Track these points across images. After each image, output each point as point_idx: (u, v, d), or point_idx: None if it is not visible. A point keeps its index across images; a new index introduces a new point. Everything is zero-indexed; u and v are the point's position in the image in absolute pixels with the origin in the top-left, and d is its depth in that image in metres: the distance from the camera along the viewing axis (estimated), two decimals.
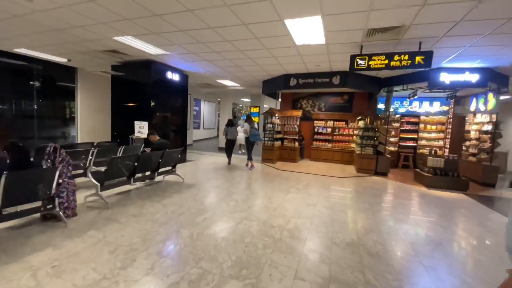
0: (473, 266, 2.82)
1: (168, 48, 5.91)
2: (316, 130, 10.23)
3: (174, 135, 8.32)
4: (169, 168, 5.77)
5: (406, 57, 4.71)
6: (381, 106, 10.06)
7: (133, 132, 7.18)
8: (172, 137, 8.18)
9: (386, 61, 4.82)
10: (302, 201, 4.74)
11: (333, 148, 9.91)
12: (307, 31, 4.38)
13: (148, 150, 5.52)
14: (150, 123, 7.11)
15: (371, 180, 7.11)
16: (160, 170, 5.39)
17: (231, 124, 8.93)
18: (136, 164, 4.53)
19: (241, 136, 10.63)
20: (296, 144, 9.45)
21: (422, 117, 9.62)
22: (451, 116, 9.13)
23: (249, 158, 8.06)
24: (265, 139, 9.23)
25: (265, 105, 18.08)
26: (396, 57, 4.76)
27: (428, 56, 4.61)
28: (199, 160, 9.04)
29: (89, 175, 4.04)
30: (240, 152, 11.57)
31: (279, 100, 11.16)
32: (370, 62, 4.90)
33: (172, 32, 4.83)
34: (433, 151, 7.98)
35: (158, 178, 5.80)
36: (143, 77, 7.21)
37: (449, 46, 4.89)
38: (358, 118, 9.18)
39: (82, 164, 5.08)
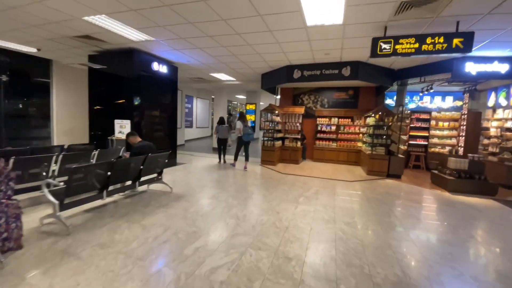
0: None
1: (152, 32, 4.95)
2: (319, 128, 9.40)
3: (162, 135, 7.35)
4: (155, 175, 4.82)
5: (441, 39, 3.88)
6: (389, 101, 9.30)
7: (113, 132, 6.19)
8: (159, 137, 7.21)
9: (417, 45, 3.98)
10: (317, 216, 3.88)
11: (338, 147, 9.10)
12: (324, 5, 3.50)
13: (127, 154, 4.57)
14: (133, 121, 6.13)
15: (385, 184, 6.32)
16: (143, 179, 4.45)
17: (222, 122, 8.31)
18: (109, 173, 3.58)
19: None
20: (299, 144, 8.61)
21: (434, 113, 8.88)
22: (466, 112, 8.43)
23: (236, 159, 7.63)
24: (265, 138, 8.35)
25: (261, 103, 17.18)
26: (428, 40, 3.93)
27: (468, 38, 3.80)
28: (191, 163, 8.10)
29: (45, 190, 3.08)
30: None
31: (278, 96, 10.29)
32: (397, 46, 4.06)
33: (155, 8, 3.88)
34: (453, 151, 7.24)
35: (142, 188, 4.86)
36: (125, 69, 6.22)
37: (489, 28, 4.09)
38: (367, 114, 8.38)
39: (44, 174, 4.09)
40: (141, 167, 4.20)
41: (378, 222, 3.78)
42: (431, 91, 7.23)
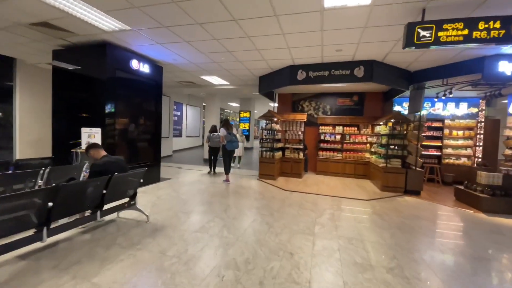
0: None
1: (126, 18, 3.93)
2: (322, 137, 8.48)
3: (144, 146, 6.22)
4: (126, 199, 3.69)
5: (498, 24, 3.03)
6: (398, 108, 8.50)
7: (80, 144, 5.03)
8: (140, 149, 6.08)
9: (466, 31, 3.11)
10: (345, 257, 2.84)
11: (344, 159, 8.17)
12: None
13: (86, 175, 3.46)
14: (104, 130, 5.01)
15: (406, 204, 5.37)
16: (107, 206, 3.31)
17: (215, 130, 7.72)
18: (51, 204, 2.46)
19: (239, 146, 8.64)
20: (301, 155, 7.63)
21: (447, 121, 8.13)
22: (482, 120, 7.71)
23: (227, 172, 6.67)
24: (263, 149, 7.34)
25: (255, 111, 16.25)
26: (481, 25, 3.06)
27: None
28: (178, 177, 6.96)
29: None
30: (238, 166, 9.37)
31: (275, 104, 9.37)
32: (440, 34, 3.17)
33: None
34: (481, 163, 6.37)
35: (110, 216, 3.72)
36: (96, 66, 5.14)
37: None
38: (376, 122, 7.53)
39: None
40: (104, 191, 3.08)
41: (431, 265, 2.77)
42: (450, 96, 6.45)
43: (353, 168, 8.10)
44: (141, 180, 3.70)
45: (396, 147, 6.50)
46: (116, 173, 3.14)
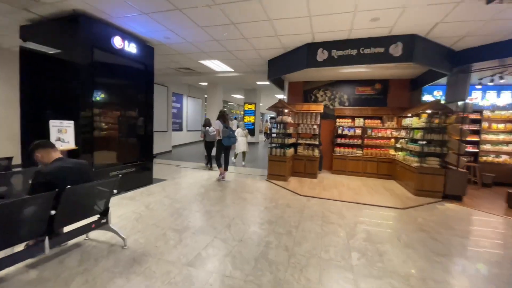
0: None
1: None
2: (339, 131, 7.41)
3: (131, 142, 5.24)
4: (95, 218, 2.72)
5: None
6: (427, 98, 7.36)
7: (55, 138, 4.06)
8: (125, 145, 5.09)
9: None
10: None
11: (365, 156, 7.11)
12: None
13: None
14: (78, 123, 4.02)
15: (451, 213, 4.35)
16: (63, 230, 2.35)
17: (209, 124, 7.40)
18: None
19: (241, 140, 7.97)
20: (316, 152, 6.58)
21: (486, 113, 6.99)
22: None
23: (219, 166, 6.01)
24: (272, 145, 6.33)
25: (260, 103, 15.12)
26: None
27: None
28: (174, 178, 5.99)
29: None
30: (243, 164, 8.35)
31: (283, 96, 8.28)
32: None
33: None
34: None
35: (77, 239, 2.76)
36: (68, 45, 4.11)
37: None
38: (405, 113, 6.43)
39: None
40: (53, 212, 2.11)
41: None
42: (502, 81, 5.31)
43: (376, 167, 7.05)
44: (114, 191, 2.71)
45: (432, 143, 5.43)
46: (69, 186, 2.15)
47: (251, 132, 14.34)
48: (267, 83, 10.91)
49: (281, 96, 15.43)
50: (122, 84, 4.89)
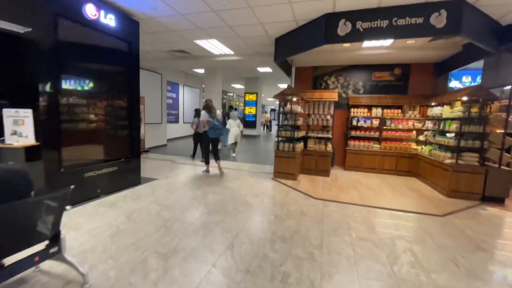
0: None
1: None
2: (353, 122, 6.56)
3: (114, 135, 4.38)
4: (42, 246, 1.91)
5: None
6: (455, 84, 6.50)
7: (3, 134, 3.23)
8: (104, 140, 4.23)
9: None
10: None
11: (383, 151, 6.29)
12: None
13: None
14: (38, 111, 3.17)
15: (501, 221, 3.58)
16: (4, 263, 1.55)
17: (199, 114, 6.37)
18: None
19: (234, 131, 7.80)
20: (329, 146, 5.76)
21: None
22: None
23: (207, 162, 5.63)
24: (279, 139, 5.50)
25: (262, 94, 14.17)
26: None
27: None
28: (168, 177, 5.18)
29: None
30: (233, 155, 7.99)
31: (290, 83, 7.39)
32: None
33: None
34: None
35: (23, 273, 1.96)
36: (24, 12, 3.20)
37: None
38: (437, 101, 5.58)
39: None
40: None
41: None
42: None
43: (395, 163, 6.24)
44: (67, 208, 1.89)
45: (469, 136, 4.61)
46: None
47: (253, 124, 13.48)
48: (270, 70, 10.00)
49: (284, 85, 14.50)
50: (99, 66, 3.99)
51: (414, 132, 6.30)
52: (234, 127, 7.77)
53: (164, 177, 5.26)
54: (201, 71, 10.74)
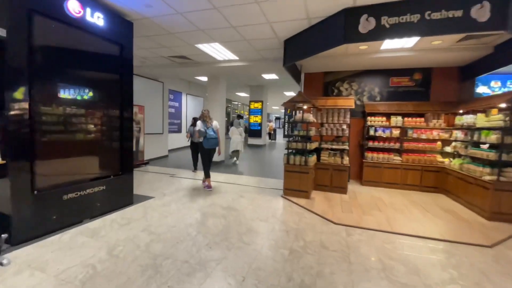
0: None
1: None
2: (370, 132, 5.94)
3: (102, 148, 3.84)
4: None
5: None
6: (482, 89, 5.88)
7: None
8: (91, 153, 3.69)
9: None
10: None
11: (405, 164, 5.64)
12: None
13: None
14: (7, 121, 2.65)
15: None
16: None
17: (195, 124, 6.26)
18: None
19: (236, 139, 7.99)
20: (346, 159, 5.13)
21: None
22: None
23: (207, 175, 5.19)
24: (289, 151, 4.90)
25: (267, 103, 13.65)
26: None
27: None
28: (165, 194, 4.61)
29: None
30: (234, 161, 8.27)
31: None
32: None
33: None
34: None
35: None
36: None
37: None
38: (470, 108, 4.94)
39: None
40: None
41: None
42: None
43: (419, 177, 5.57)
44: (3, 262, 1.31)
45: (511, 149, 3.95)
46: None
47: (258, 133, 12.93)
48: (276, 77, 9.50)
49: (291, 93, 14.00)
50: (84, 70, 3.50)
51: (439, 143, 5.65)
52: (235, 134, 7.92)
53: (161, 195, 4.68)
54: (204, 79, 10.33)
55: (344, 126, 5.20)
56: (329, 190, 5.19)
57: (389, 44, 4.69)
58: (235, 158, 8.15)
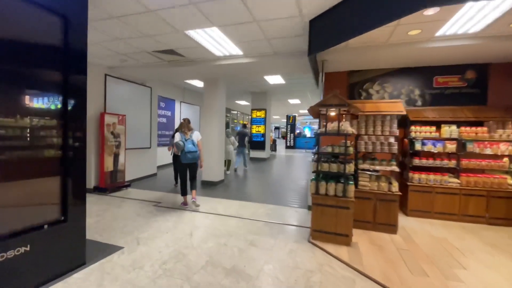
0: None
1: None
2: (415, 146, 4.55)
3: (27, 179, 2.37)
4: None
5: None
6: None
7: None
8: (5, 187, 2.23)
9: None
10: None
11: (464, 187, 4.24)
12: None
13: None
14: None
15: None
16: None
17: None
18: None
19: (227, 149, 7.88)
20: (395, 184, 3.70)
21: None
22: None
23: (183, 193, 4.74)
24: (319, 177, 3.46)
25: (275, 116, 12.33)
26: None
27: None
28: (139, 240, 3.11)
29: None
30: (226, 172, 7.89)
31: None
32: None
33: None
34: None
35: None
36: None
37: None
38: None
39: None
40: None
41: None
42: None
43: (484, 206, 4.17)
44: None
45: None
46: None
47: (261, 145, 11.53)
48: (281, 81, 8.21)
49: (296, 101, 12.71)
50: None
51: (506, 159, 4.29)
52: (227, 144, 7.85)
53: (134, 243, 3.20)
54: (200, 84, 9.00)
55: (392, 140, 3.81)
56: (372, 228, 3.75)
57: (450, 28, 3.41)
58: (228, 171, 8.18)
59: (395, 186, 3.67)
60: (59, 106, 2.47)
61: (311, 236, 3.38)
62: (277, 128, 36.62)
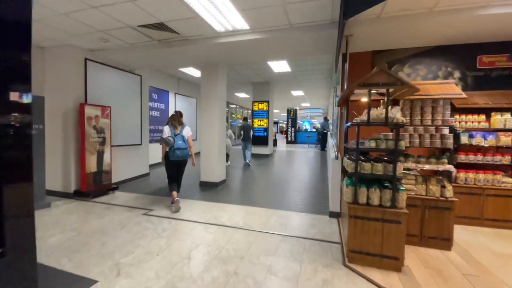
0: None
1: None
2: (460, 139, 3.76)
3: None
4: None
5: None
6: None
7: None
8: None
9: None
10: None
11: None
12: None
13: None
14: None
15: None
16: None
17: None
18: None
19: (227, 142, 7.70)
20: (450, 189, 2.90)
21: None
22: None
23: (171, 189, 4.31)
24: (351, 181, 2.66)
25: (275, 110, 11.34)
26: None
27: None
28: (120, 269, 2.30)
29: None
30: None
31: (342, 71, 4.69)
32: None
33: None
34: None
35: None
36: None
37: None
38: None
39: None
40: None
41: None
42: None
43: None
44: None
45: None
46: None
47: (264, 140, 10.71)
48: (287, 69, 7.36)
49: (299, 92, 11.85)
50: None
51: None
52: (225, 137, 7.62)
53: (113, 273, 2.37)
54: (196, 72, 8.11)
55: (446, 131, 2.99)
56: (418, 243, 2.96)
57: None
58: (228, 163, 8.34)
59: (450, 190, 2.87)
60: None
61: (347, 258, 2.58)
62: (275, 123, 35.77)
